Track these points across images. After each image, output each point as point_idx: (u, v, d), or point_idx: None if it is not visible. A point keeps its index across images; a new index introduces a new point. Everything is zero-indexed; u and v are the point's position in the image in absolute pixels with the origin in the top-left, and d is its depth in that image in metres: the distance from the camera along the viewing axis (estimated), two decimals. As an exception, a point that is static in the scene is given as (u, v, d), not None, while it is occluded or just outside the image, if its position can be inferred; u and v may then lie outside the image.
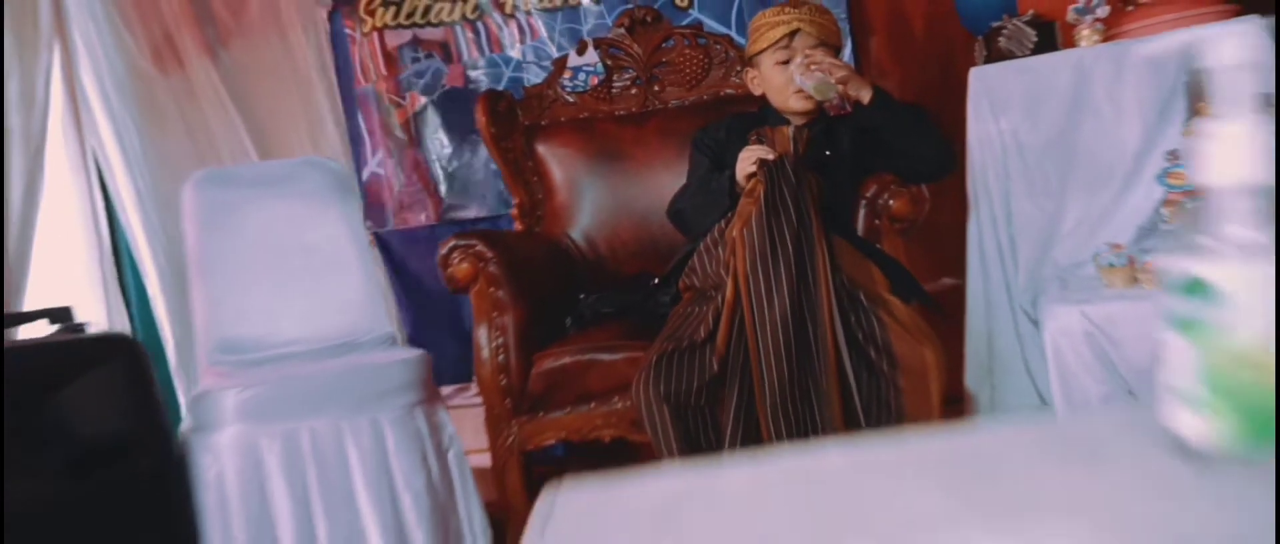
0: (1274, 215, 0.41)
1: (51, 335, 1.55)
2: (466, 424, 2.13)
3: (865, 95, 1.69)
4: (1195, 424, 0.43)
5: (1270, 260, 0.41)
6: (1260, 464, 0.42)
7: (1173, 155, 1.64)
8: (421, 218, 2.80)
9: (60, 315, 1.64)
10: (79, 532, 1.40)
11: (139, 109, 2.73)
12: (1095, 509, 0.43)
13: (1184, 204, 1.57)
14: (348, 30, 2.77)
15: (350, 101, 2.81)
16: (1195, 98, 1.66)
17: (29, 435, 1.42)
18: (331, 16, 2.80)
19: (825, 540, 0.42)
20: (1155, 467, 0.45)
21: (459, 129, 2.74)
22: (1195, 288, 0.43)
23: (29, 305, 2.43)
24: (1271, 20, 1.64)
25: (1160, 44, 1.77)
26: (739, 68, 2.21)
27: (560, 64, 2.33)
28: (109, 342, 1.50)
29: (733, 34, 2.47)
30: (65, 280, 2.70)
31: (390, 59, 2.76)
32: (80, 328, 1.60)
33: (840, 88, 1.68)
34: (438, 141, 2.76)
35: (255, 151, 2.70)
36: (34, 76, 2.58)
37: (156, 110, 2.74)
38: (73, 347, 1.49)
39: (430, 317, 2.78)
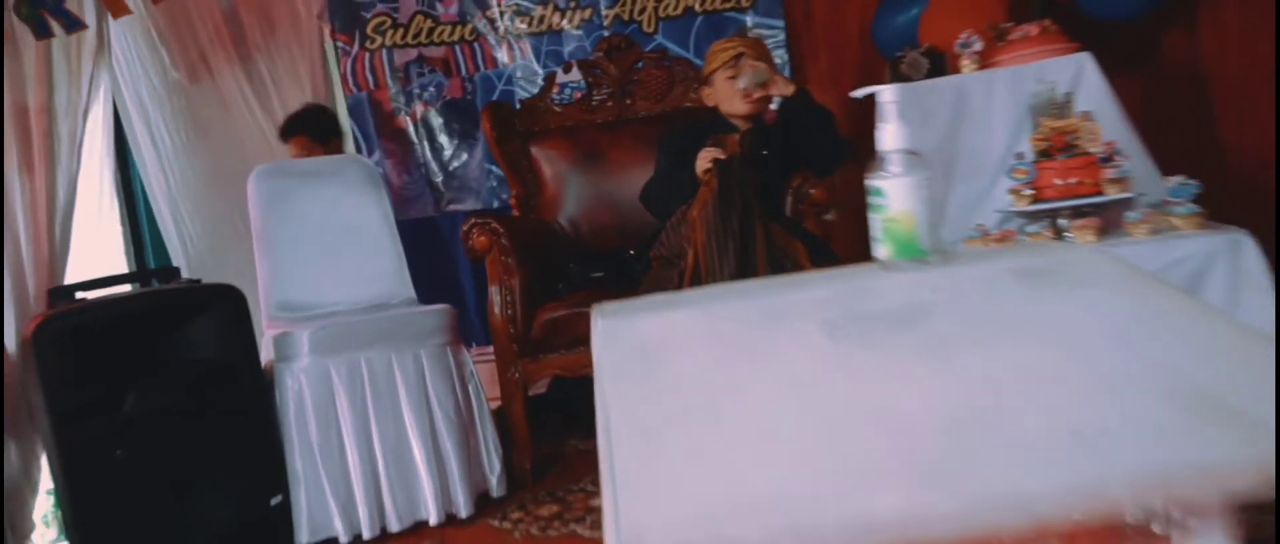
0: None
1: (177, 284, 2.14)
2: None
3: (789, 90, 2.37)
4: (881, 251, 1.09)
5: (907, 179, 1.08)
6: (904, 265, 1.08)
7: (1020, 156, 2.33)
8: (423, 210, 3.40)
9: (168, 274, 2.23)
10: (202, 430, 2.00)
11: (171, 115, 3.30)
12: (835, 284, 1.09)
13: (1022, 192, 2.26)
14: (341, 44, 3.38)
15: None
16: (1038, 114, 2.36)
17: (166, 358, 2.03)
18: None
19: (749, 296, 1.08)
20: (869, 271, 1.12)
21: (458, 134, 3.37)
22: (877, 192, 1.09)
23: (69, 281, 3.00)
24: (1090, 56, 2.36)
25: (1017, 73, 2.48)
26: (697, 85, 2.87)
27: (551, 80, 2.99)
28: (219, 289, 2.11)
29: (691, 57, 3.14)
30: (99, 260, 3.26)
31: (398, 72, 3.38)
32: (196, 281, 2.21)
33: (769, 75, 2.37)
34: (439, 144, 3.38)
35: (279, 151, 3.27)
36: (79, 86, 3.16)
37: (185, 116, 3.31)
38: (193, 292, 2.10)
39: (422, 297, 3.37)
